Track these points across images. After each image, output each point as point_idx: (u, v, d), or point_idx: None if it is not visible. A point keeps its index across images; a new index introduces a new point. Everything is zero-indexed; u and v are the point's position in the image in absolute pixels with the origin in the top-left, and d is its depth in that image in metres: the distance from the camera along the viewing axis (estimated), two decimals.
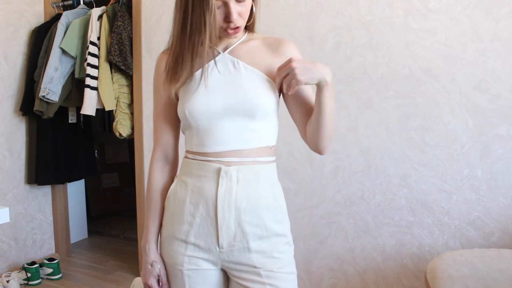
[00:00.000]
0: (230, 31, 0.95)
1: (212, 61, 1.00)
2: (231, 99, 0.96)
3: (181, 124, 1.05)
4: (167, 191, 1.06)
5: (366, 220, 1.96)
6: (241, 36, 1.04)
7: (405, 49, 1.83)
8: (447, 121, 1.77)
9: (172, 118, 1.07)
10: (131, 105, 2.61)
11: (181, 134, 1.10)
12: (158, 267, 1.04)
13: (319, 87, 0.92)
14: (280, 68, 0.93)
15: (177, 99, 1.04)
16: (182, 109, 0.99)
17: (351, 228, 2.00)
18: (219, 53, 1.01)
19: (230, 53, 1.01)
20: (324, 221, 2.05)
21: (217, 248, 0.98)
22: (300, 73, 0.89)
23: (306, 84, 0.91)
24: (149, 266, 1.05)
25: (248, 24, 1.03)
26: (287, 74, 0.90)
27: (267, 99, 0.97)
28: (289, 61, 0.91)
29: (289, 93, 0.93)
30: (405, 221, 1.88)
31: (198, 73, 0.99)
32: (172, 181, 1.08)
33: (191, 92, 0.98)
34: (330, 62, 1.98)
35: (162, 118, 1.08)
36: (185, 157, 1.05)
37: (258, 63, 1.00)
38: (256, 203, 0.97)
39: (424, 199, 1.83)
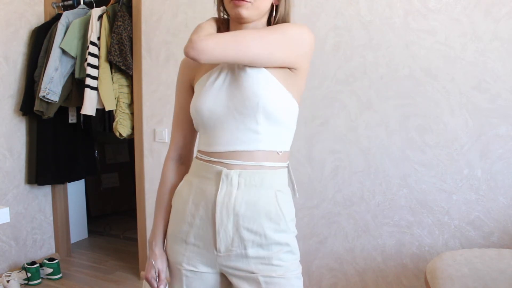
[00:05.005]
0: (235, 1, 0.93)
1: None
2: (233, 98, 0.95)
3: (193, 122, 1.05)
4: None
5: (366, 220, 1.96)
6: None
7: (405, 49, 1.83)
8: (447, 121, 1.77)
9: (188, 120, 1.08)
10: (131, 105, 2.61)
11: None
12: (158, 264, 1.05)
13: None
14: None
15: None
16: (191, 108, 1.01)
17: (351, 228, 2.00)
18: None
19: None
20: (324, 221, 2.05)
21: (215, 252, 0.97)
22: None
23: None
24: (151, 261, 1.06)
25: (273, 18, 1.05)
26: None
27: (268, 99, 0.93)
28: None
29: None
30: (405, 221, 1.88)
31: (208, 73, 1.01)
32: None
33: (200, 91, 1.00)
34: (330, 62, 1.98)
35: (179, 119, 1.10)
36: (195, 156, 1.06)
37: None
38: (256, 210, 0.94)
39: (424, 199, 1.83)
